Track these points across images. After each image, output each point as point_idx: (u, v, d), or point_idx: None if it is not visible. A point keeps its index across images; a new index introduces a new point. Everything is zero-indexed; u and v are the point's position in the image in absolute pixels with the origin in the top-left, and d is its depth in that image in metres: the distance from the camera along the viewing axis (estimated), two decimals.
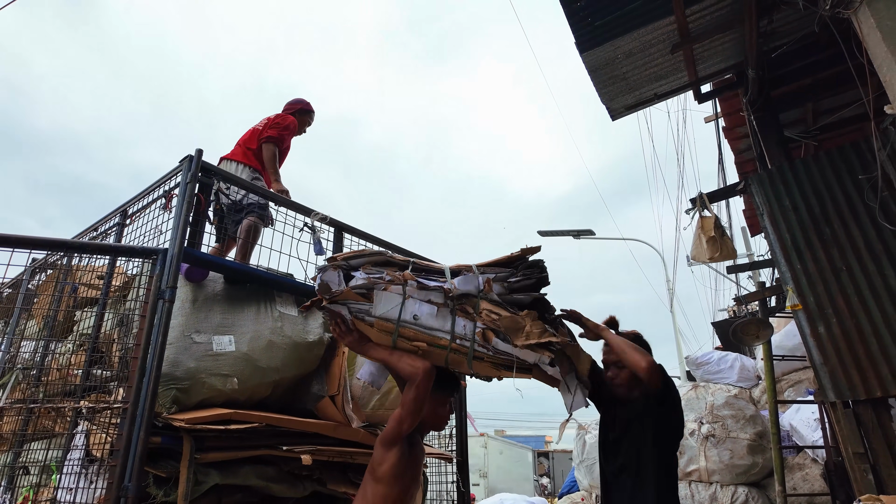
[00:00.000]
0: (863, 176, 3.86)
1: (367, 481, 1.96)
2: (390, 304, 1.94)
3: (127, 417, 2.13)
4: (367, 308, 1.95)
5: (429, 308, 1.96)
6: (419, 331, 1.95)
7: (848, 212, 4.06)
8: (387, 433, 1.94)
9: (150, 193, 2.90)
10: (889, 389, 3.58)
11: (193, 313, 2.62)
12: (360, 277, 1.95)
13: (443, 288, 1.97)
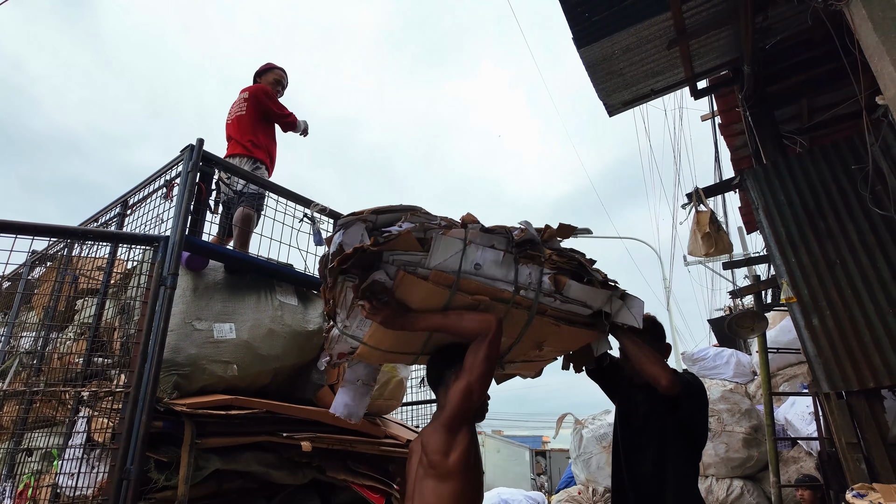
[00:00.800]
0: (855, 166, 3.91)
1: (427, 483, 1.55)
2: (450, 252, 1.62)
3: (129, 401, 2.15)
4: (418, 259, 1.61)
5: (493, 254, 1.67)
6: (482, 282, 1.65)
7: (842, 205, 4.11)
8: (452, 413, 1.58)
9: (151, 183, 2.92)
10: (882, 380, 3.62)
11: (194, 301, 2.65)
12: (398, 230, 1.63)
13: (508, 231, 1.71)
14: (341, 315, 1.72)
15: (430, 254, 1.60)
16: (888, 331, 3.69)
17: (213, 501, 2.50)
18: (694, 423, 2.05)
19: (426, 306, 1.67)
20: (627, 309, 1.89)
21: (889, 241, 3.89)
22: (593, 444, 5.96)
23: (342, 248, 1.60)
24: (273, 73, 4.14)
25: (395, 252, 1.58)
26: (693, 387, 2.07)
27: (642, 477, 2.06)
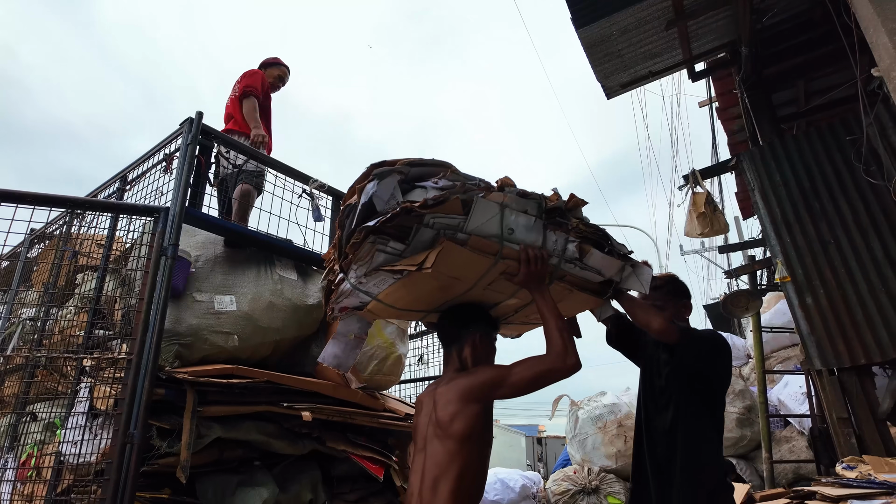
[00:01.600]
0: (850, 137, 3.94)
1: (434, 442, 1.55)
2: (487, 216, 1.56)
3: (132, 367, 2.18)
4: (457, 223, 1.52)
5: (525, 220, 1.63)
6: (511, 248, 1.61)
7: (837, 186, 4.14)
8: (473, 388, 1.57)
9: (150, 158, 2.93)
10: (872, 357, 3.68)
11: (195, 273, 2.67)
12: (433, 187, 1.55)
13: (541, 197, 1.67)
14: (358, 270, 1.64)
15: (468, 217, 1.53)
16: (880, 309, 3.75)
17: (214, 469, 2.54)
18: (698, 373, 1.96)
19: (463, 272, 1.61)
20: (636, 276, 1.90)
21: (883, 222, 3.93)
22: (589, 425, 6.04)
23: (373, 202, 1.52)
24: (278, 68, 4.30)
25: (437, 214, 1.50)
26: (698, 335, 2.00)
27: (659, 438, 2.00)
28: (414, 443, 1.65)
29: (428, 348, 4.37)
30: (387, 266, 1.58)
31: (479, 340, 1.74)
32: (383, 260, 1.57)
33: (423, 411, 1.67)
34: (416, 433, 1.64)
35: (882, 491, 2.69)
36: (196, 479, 2.44)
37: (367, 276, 1.64)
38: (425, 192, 1.55)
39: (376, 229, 1.51)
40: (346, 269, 1.67)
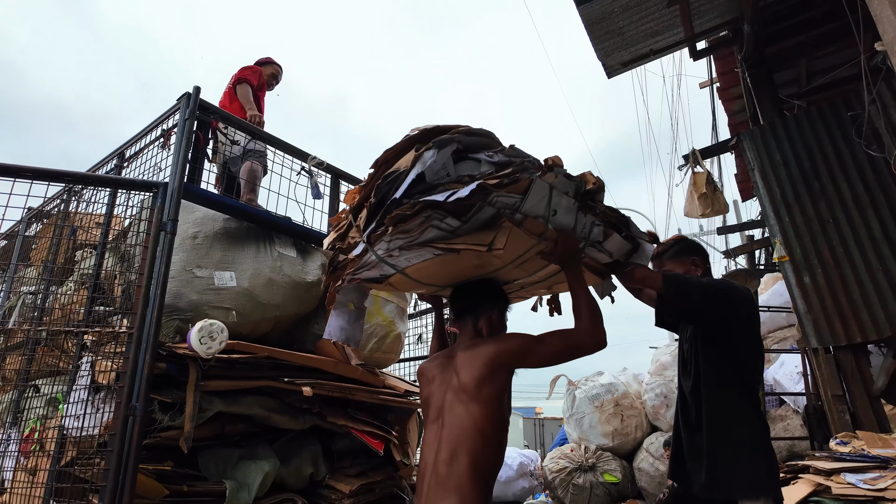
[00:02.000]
0: (851, 113, 3.93)
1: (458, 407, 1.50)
2: (539, 196, 1.49)
3: (133, 342, 2.19)
4: (514, 202, 1.46)
5: (567, 202, 1.58)
6: (551, 229, 1.58)
7: (837, 165, 4.13)
8: (503, 356, 1.56)
9: (147, 134, 2.91)
10: (868, 335, 3.71)
11: (194, 249, 2.67)
12: (489, 160, 1.47)
13: (580, 179, 1.63)
14: (392, 243, 1.52)
15: (525, 198, 1.46)
16: (877, 287, 3.77)
17: (216, 443, 2.57)
18: (707, 323, 1.86)
19: (507, 253, 1.55)
20: (640, 255, 1.91)
21: (882, 201, 3.93)
22: (586, 404, 6.10)
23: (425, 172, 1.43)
24: (271, 66, 4.49)
25: (501, 193, 1.42)
26: (685, 279, 1.86)
27: (687, 402, 1.94)
28: (424, 416, 1.61)
29: (427, 327, 4.38)
30: (440, 242, 1.48)
31: (496, 315, 1.74)
32: (434, 236, 1.48)
33: (435, 381, 1.62)
34: (429, 404, 1.60)
35: (875, 465, 2.73)
36: (198, 453, 2.47)
37: (402, 250, 1.54)
38: (478, 165, 1.47)
39: (435, 203, 1.38)
40: (375, 240, 1.52)
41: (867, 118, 3.78)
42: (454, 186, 1.39)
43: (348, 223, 1.66)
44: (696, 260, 2.01)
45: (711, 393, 1.83)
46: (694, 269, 2.00)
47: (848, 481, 2.63)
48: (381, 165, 1.53)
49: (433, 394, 1.60)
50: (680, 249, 2.05)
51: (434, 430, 1.51)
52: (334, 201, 3.38)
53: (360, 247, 1.57)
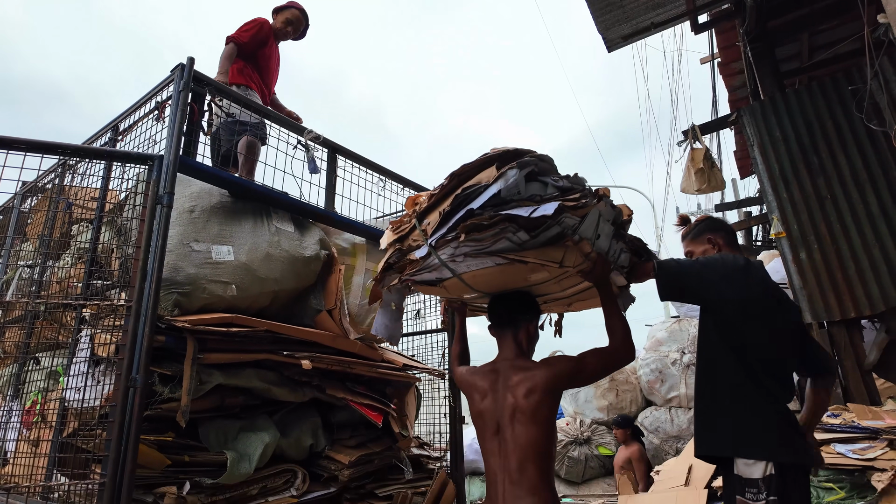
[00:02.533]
0: (852, 87, 3.90)
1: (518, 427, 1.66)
2: (592, 221, 1.65)
3: (131, 314, 2.19)
4: (573, 224, 1.60)
5: (608, 229, 1.74)
6: (593, 251, 1.73)
7: (837, 141, 4.12)
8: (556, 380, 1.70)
9: (141, 106, 2.87)
10: (862, 310, 3.75)
11: (191, 223, 2.66)
12: (554, 184, 1.61)
13: (619, 210, 1.80)
14: (458, 249, 1.65)
15: (583, 221, 1.61)
16: (872, 263, 3.79)
17: (216, 415, 2.60)
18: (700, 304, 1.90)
19: (559, 270, 1.72)
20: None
21: (881, 177, 3.93)
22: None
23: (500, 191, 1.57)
24: (287, 12, 3.90)
25: (567, 215, 1.56)
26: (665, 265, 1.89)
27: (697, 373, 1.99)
28: (481, 427, 1.75)
29: (425, 303, 4.40)
30: (510, 254, 1.63)
31: (533, 327, 1.91)
32: (504, 247, 1.61)
33: (487, 397, 1.75)
34: (484, 418, 1.73)
35: (865, 435, 2.78)
36: (199, 424, 2.50)
37: (467, 257, 1.66)
38: (545, 188, 1.61)
39: (514, 217, 1.53)
40: (441, 245, 1.66)
41: (868, 93, 3.76)
42: (526, 203, 1.55)
43: (411, 226, 1.78)
44: (713, 238, 2.06)
45: (707, 363, 1.88)
46: (711, 247, 2.04)
47: (838, 451, 2.68)
48: (457, 177, 1.68)
49: (488, 409, 1.74)
50: (699, 230, 2.11)
51: (497, 443, 1.69)
52: (331, 176, 3.35)
53: (425, 250, 1.71)
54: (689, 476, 3.24)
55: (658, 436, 5.72)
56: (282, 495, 2.65)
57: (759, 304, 1.82)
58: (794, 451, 1.69)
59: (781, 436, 1.70)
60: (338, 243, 3.37)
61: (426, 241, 1.70)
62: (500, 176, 1.57)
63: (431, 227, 1.69)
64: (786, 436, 1.71)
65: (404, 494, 3.17)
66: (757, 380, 1.77)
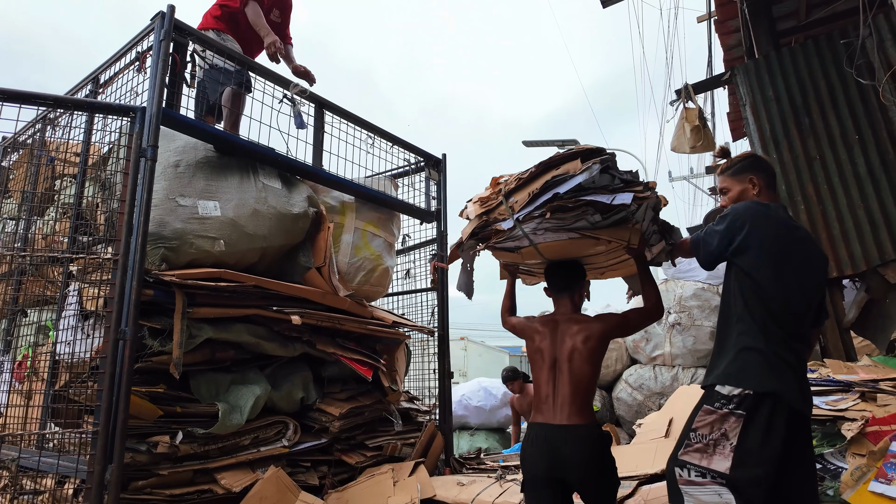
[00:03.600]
0: (844, 41, 3.87)
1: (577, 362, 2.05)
2: (644, 209, 2.05)
3: (118, 268, 2.19)
4: (633, 210, 1.99)
5: (650, 214, 2.13)
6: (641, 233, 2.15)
7: (828, 101, 4.09)
8: (609, 334, 2.11)
9: (122, 57, 2.78)
10: (844, 270, 3.81)
11: (177, 178, 2.62)
12: (619, 176, 2.01)
13: (660, 200, 2.17)
14: (541, 224, 2.02)
15: (639, 208, 2.00)
16: (856, 224, 3.84)
17: (208, 368, 2.63)
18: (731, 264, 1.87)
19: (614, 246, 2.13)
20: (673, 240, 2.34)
21: (869, 138, 3.93)
22: None
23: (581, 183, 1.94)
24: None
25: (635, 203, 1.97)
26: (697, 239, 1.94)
27: None
28: (539, 361, 2.14)
29: (414, 263, 4.43)
30: (587, 231, 2.02)
31: (584, 290, 2.36)
32: (581, 225, 2.01)
33: (546, 339, 2.15)
34: (543, 356, 2.13)
35: (838, 388, 2.88)
36: (190, 377, 2.54)
37: (547, 231, 2.06)
38: (612, 179, 2.00)
39: (594, 202, 1.93)
40: (526, 220, 2.04)
41: (860, 47, 3.72)
42: (601, 192, 1.95)
43: (498, 202, 2.14)
44: (754, 178, 1.96)
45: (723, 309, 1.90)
46: (751, 187, 1.95)
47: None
48: (545, 165, 2.05)
49: (547, 349, 2.13)
50: (740, 168, 2.01)
51: (553, 374, 2.09)
52: (318, 132, 3.30)
53: (510, 223, 2.08)
54: (669, 428, 3.36)
55: (642, 392, 5.88)
56: (273, 445, 2.72)
57: (780, 248, 1.79)
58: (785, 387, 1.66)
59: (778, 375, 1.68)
60: (326, 201, 3.35)
61: (512, 216, 2.08)
62: (585, 169, 1.94)
63: (519, 205, 2.06)
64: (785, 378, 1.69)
65: (394, 445, 3.26)
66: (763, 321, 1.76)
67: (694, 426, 1.73)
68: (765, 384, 1.67)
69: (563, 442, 1.97)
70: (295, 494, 2.57)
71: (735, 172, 2.03)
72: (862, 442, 2.29)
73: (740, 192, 1.98)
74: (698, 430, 1.72)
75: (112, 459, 2.04)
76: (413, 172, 4.12)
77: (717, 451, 1.67)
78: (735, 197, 1.99)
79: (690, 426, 1.75)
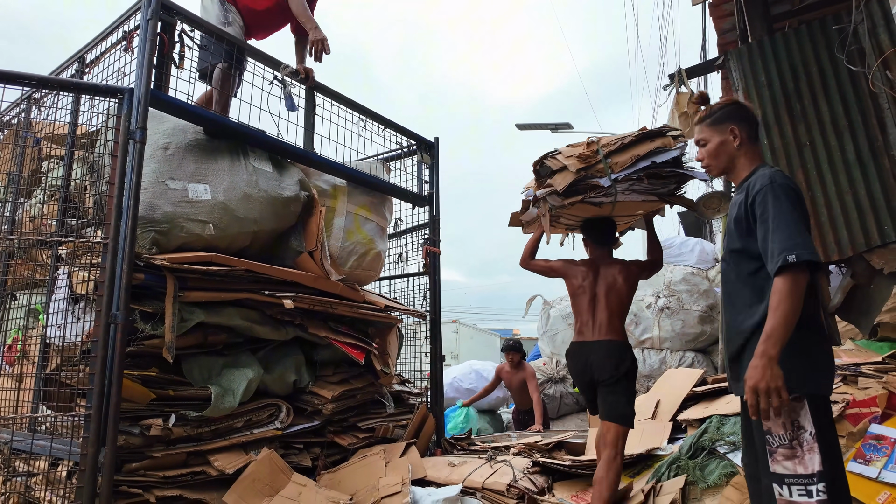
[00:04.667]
0: (837, 26, 3.87)
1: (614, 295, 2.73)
2: None
3: (108, 252, 2.18)
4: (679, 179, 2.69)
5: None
6: None
7: (820, 86, 4.10)
8: (641, 275, 2.86)
9: (108, 36, 2.73)
10: (830, 255, 3.86)
11: (166, 161, 2.60)
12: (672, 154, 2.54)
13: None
14: (632, 186, 2.56)
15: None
16: (844, 209, 3.87)
17: (200, 352, 2.64)
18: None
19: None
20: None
21: (859, 124, 3.95)
22: (559, 322, 6.37)
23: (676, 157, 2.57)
24: None
25: None
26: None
27: None
28: (580, 295, 2.77)
29: (407, 247, 4.43)
30: (665, 197, 2.73)
31: (616, 242, 3.05)
32: (664, 192, 2.66)
33: (588, 279, 2.78)
34: (585, 291, 2.76)
35: None
36: (182, 360, 2.54)
37: (634, 192, 2.62)
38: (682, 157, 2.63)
39: (684, 175, 2.64)
40: (620, 181, 2.53)
41: (853, 31, 3.72)
42: (684, 166, 2.64)
43: (597, 160, 2.54)
44: (735, 128, 1.81)
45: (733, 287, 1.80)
46: (732, 138, 1.81)
47: None
48: (645, 135, 2.58)
49: (589, 286, 2.77)
50: (719, 117, 1.85)
51: (592, 304, 2.73)
52: (309, 114, 3.27)
53: (607, 181, 2.49)
54: (656, 410, 3.42)
55: None
56: (266, 427, 2.74)
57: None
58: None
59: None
60: (318, 185, 3.33)
61: (609, 175, 2.50)
62: (678, 147, 2.49)
63: (619, 167, 2.47)
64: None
65: (386, 427, 3.30)
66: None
67: (765, 428, 1.57)
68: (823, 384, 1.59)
69: (592, 352, 2.64)
70: (287, 476, 2.61)
71: (715, 122, 1.85)
72: (842, 423, 2.35)
73: (719, 145, 1.82)
74: (772, 431, 1.57)
75: (105, 442, 2.06)
76: (405, 156, 4.10)
77: (803, 446, 1.52)
78: (714, 150, 1.83)
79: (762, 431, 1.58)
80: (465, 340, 16.40)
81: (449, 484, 2.77)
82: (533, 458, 3.06)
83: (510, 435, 4.38)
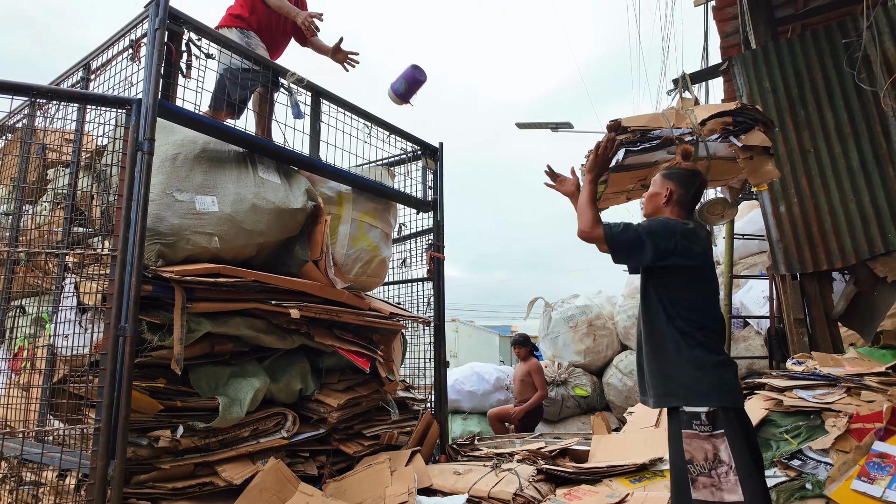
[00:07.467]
0: (846, 41, 3.87)
1: None
2: None
3: (117, 264, 2.17)
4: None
5: None
6: None
7: (824, 93, 4.11)
8: None
9: (114, 44, 2.72)
10: (834, 262, 3.88)
11: (174, 172, 2.59)
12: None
13: None
14: (714, 144, 2.68)
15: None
16: (847, 217, 3.89)
17: (207, 361, 2.64)
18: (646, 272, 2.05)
19: None
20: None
21: (864, 131, 3.96)
22: (561, 325, 6.38)
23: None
24: None
25: None
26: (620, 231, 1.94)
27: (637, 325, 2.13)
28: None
29: (410, 252, 4.43)
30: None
31: None
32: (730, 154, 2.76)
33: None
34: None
35: (824, 382, 2.95)
36: (189, 371, 2.54)
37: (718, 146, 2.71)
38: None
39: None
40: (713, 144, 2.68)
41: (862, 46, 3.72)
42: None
43: (690, 121, 2.58)
44: (671, 188, 2.05)
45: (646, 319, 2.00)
46: (665, 193, 2.07)
47: (799, 396, 2.86)
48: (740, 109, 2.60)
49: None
50: (669, 174, 2.11)
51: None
52: (315, 121, 3.26)
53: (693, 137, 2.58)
54: (658, 418, 3.43)
55: (632, 378, 5.98)
56: (273, 437, 2.75)
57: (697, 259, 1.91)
58: (734, 397, 1.78)
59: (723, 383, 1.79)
60: (323, 192, 3.33)
61: (701, 136, 2.56)
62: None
63: (706, 130, 2.54)
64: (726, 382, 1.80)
65: (391, 434, 3.31)
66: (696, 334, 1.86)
67: (687, 458, 1.72)
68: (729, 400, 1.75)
69: None
70: (294, 485, 2.61)
71: (664, 175, 2.11)
72: (846, 438, 2.37)
73: (653, 194, 2.10)
74: (693, 460, 1.71)
75: (115, 455, 2.06)
76: (409, 161, 4.10)
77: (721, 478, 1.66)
78: (648, 195, 2.13)
79: (683, 459, 1.73)
80: (464, 339, 16.41)
81: (455, 493, 2.78)
82: (538, 465, 3.07)
83: (513, 440, 4.40)
